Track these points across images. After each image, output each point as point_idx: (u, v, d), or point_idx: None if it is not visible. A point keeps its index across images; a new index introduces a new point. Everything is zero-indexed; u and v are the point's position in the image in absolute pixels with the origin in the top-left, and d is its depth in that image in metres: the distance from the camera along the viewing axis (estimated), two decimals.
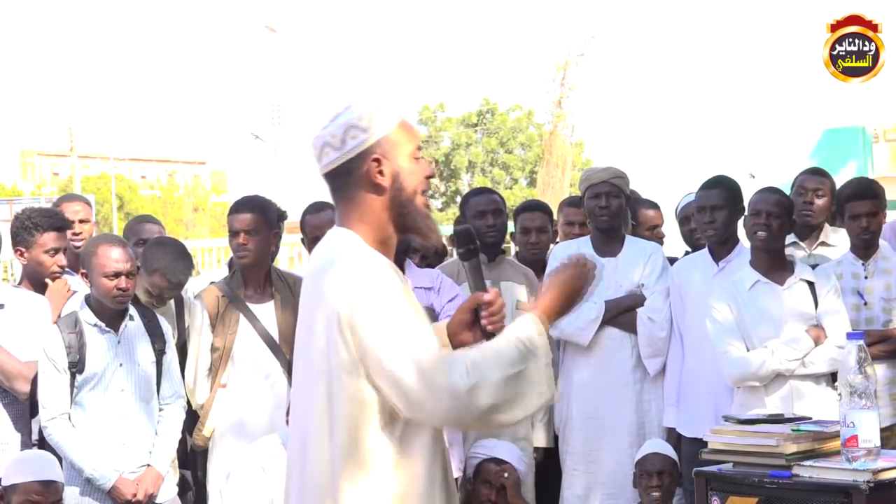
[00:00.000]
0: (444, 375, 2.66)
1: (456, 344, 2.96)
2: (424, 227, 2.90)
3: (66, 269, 5.27)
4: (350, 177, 2.85)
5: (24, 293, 5.08)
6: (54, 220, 5.14)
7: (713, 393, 5.03)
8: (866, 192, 5.27)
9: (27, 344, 4.87)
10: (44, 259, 5.13)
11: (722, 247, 5.26)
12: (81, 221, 5.80)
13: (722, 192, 5.20)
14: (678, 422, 5.27)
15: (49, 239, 5.10)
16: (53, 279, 5.16)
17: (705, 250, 5.37)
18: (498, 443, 5.05)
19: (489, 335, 2.90)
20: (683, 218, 5.92)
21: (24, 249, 5.16)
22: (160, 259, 5.14)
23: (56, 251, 5.12)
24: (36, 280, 5.19)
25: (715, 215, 5.19)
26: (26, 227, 5.13)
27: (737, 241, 5.30)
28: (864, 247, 5.18)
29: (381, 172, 2.83)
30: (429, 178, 2.91)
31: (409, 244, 5.11)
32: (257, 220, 5.16)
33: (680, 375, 5.29)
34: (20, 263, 5.34)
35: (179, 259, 5.24)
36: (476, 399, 2.65)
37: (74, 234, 5.69)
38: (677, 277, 5.35)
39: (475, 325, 2.95)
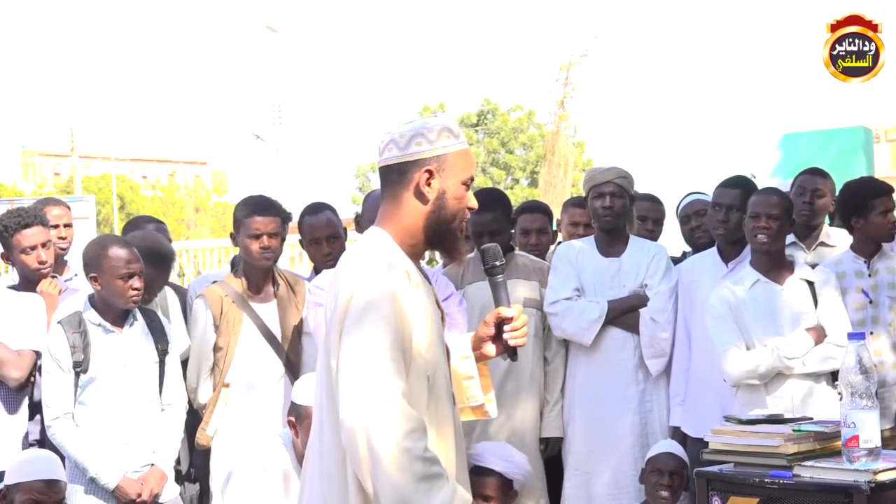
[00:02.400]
0: (385, 428, 2.71)
1: (478, 357, 3.13)
2: (453, 248, 3.04)
3: (53, 274, 5.30)
4: (402, 177, 2.97)
5: (16, 293, 5.12)
6: (23, 219, 5.16)
7: (720, 394, 5.02)
8: (888, 186, 5.32)
9: (19, 335, 4.93)
10: (23, 259, 5.16)
11: (732, 247, 5.25)
12: (66, 226, 5.85)
13: (741, 193, 5.19)
14: (684, 421, 5.27)
15: (22, 238, 5.14)
16: (40, 277, 5.17)
17: (714, 250, 5.37)
18: (487, 447, 4.96)
19: (512, 350, 3.07)
20: (684, 217, 5.92)
21: (7, 254, 5.20)
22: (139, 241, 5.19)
23: (32, 248, 5.14)
24: (28, 281, 5.21)
25: (729, 215, 5.21)
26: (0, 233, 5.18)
27: (746, 242, 5.30)
28: (889, 240, 5.21)
29: (429, 184, 2.96)
30: (470, 209, 3.02)
31: None
32: (279, 223, 5.20)
33: (687, 375, 5.29)
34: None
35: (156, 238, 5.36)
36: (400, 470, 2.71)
37: (60, 237, 5.74)
38: (686, 277, 5.35)
39: (498, 339, 3.10)
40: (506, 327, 3.07)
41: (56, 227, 5.77)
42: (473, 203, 3.01)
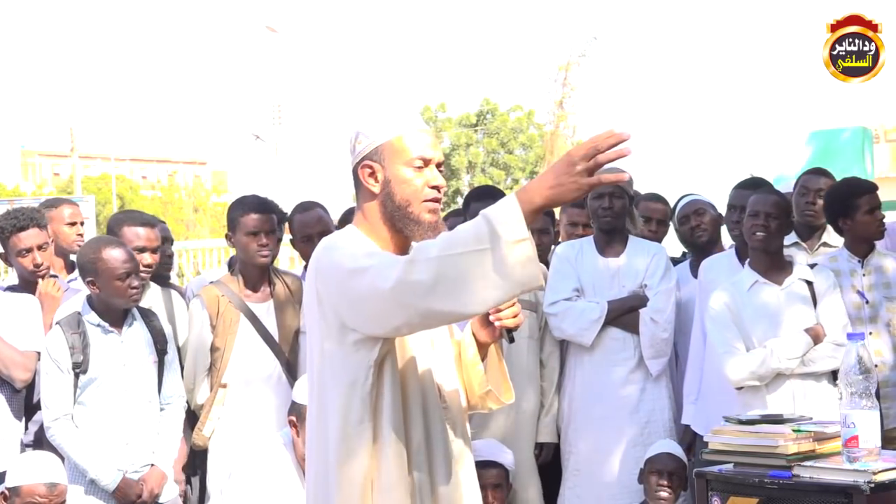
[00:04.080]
0: (396, 263, 2.68)
1: (479, 341, 3.06)
2: (414, 234, 2.93)
3: (53, 273, 5.30)
4: (356, 179, 2.98)
5: (11, 294, 5.13)
6: (19, 220, 5.15)
7: (732, 393, 4.99)
8: (873, 185, 5.31)
9: (22, 336, 4.93)
10: (20, 261, 5.15)
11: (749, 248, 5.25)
12: (81, 223, 5.84)
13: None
14: (695, 420, 5.26)
15: (17, 241, 5.13)
16: (36, 279, 5.17)
17: (732, 251, 5.37)
18: (481, 443, 5.00)
19: (507, 332, 2.97)
20: (683, 217, 5.92)
21: (4, 255, 5.20)
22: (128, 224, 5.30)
23: (28, 250, 5.13)
24: (27, 283, 5.21)
25: (743, 216, 5.21)
26: None
27: None
28: (880, 238, 5.20)
29: (374, 178, 2.94)
30: (434, 187, 2.93)
31: None
32: (273, 220, 5.21)
33: (701, 373, 5.28)
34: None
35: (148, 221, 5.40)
36: (410, 274, 2.61)
37: (79, 234, 5.75)
38: (704, 276, 5.35)
39: (490, 323, 3.00)
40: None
41: (73, 224, 5.76)
42: (436, 181, 2.92)
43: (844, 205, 5.24)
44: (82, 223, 5.92)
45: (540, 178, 2.62)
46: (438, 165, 2.96)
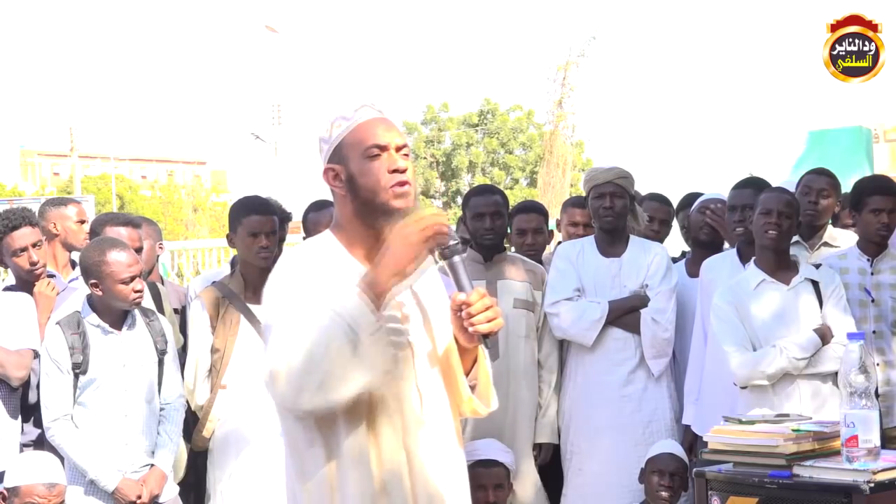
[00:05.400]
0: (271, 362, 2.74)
1: (460, 348, 2.96)
2: (388, 224, 2.83)
3: (51, 272, 5.30)
4: (328, 185, 2.95)
5: (5, 293, 5.12)
6: (11, 220, 5.14)
7: (732, 394, 5.00)
8: (889, 187, 5.28)
9: (16, 335, 4.93)
10: (15, 261, 5.14)
11: (750, 247, 5.24)
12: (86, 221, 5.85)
13: (755, 192, 5.17)
14: (695, 420, 5.25)
15: (11, 241, 5.12)
16: (34, 278, 5.16)
17: (734, 251, 5.38)
18: (482, 443, 5.03)
19: (484, 337, 2.86)
20: (703, 208, 5.89)
21: (0, 256, 5.19)
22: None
23: (23, 250, 5.12)
24: (24, 283, 5.21)
25: (745, 214, 5.20)
26: None
27: None
28: (880, 242, 5.18)
29: (338, 180, 2.90)
30: (394, 171, 2.85)
31: None
32: (275, 222, 5.19)
33: (702, 373, 5.27)
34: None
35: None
36: (278, 384, 2.71)
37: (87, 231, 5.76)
38: (705, 276, 5.34)
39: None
40: (462, 314, 2.83)
41: (82, 221, 5.76)
42: (395, 164, 2.84)
43: (857, 199, 5.24)
44: (86, 221, 5.93)
45: (382, 266, 2.74)
46: (399, 149, 2.88)
